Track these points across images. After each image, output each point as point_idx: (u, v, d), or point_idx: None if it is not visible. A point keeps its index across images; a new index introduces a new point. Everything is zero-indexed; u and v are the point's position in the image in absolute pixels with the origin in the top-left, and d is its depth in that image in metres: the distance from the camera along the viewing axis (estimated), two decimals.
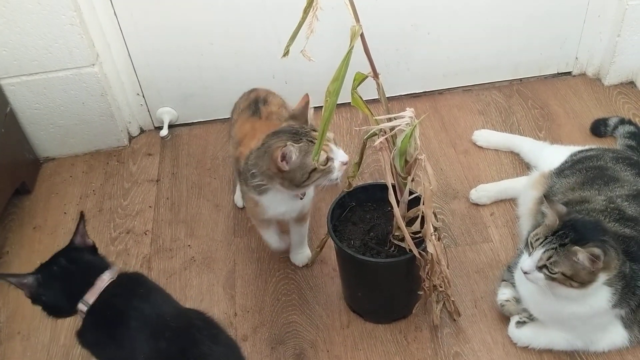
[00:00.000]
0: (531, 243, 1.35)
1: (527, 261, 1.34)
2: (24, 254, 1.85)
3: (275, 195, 1.46)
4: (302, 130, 1.38)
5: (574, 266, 1.28)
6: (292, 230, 1.66)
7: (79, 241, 1.31)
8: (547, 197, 1.39)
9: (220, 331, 1.31)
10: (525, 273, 1.35)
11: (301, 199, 1.50)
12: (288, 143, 1.33)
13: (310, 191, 1.53)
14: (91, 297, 1.25)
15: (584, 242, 1.28)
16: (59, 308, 1.29)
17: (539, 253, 1.32)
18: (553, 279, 1.30)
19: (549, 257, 1.30)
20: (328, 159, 1.36)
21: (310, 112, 1.42)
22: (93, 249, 1.34)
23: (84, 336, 1.28)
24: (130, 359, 1.22)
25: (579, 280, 1.29)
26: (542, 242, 1.32)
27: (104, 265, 1.31)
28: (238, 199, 1.89)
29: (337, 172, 1.38)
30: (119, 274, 1.31)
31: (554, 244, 1.30)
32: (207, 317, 1.33)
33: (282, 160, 1.34)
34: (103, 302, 1.25)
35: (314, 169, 1.35)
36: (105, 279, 1.28)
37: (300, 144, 1.35)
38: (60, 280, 1.27)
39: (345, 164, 1.39)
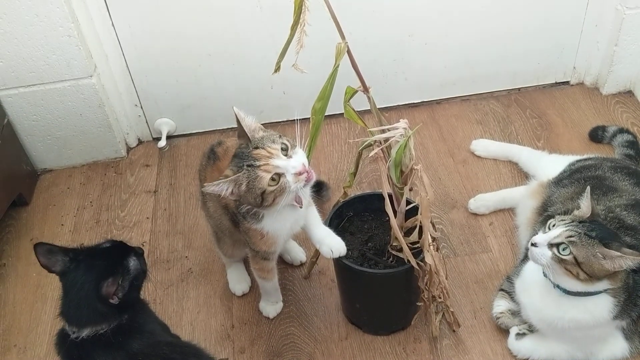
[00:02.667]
0: (552, 224, 1.33)
1: (542, 235, 1.32)
2: (21, 267, 1.84)
3: (274, 215, 1.36)
4: (245, 153, 1.27)
5: (589, 258, 1.27)
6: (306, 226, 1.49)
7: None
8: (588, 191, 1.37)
9: (199, 358, 1.28)
10: (532, 245, 1.32)
11: (300, 207, 1.39)
12: (205, 184, 1.27)
13: (306, 194, 1.41)
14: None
15: (606, 242, 1.27)
16: None
17: (559, 230, 1.30)
18: (560, 261, 1.28)
19: (570, 236, 1.28)
20: (279, 176, 1.24)
21: (247, 120, 1.29)
22: None
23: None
24: None
25: (587, 270, 1.28)
26: (567, 223, 1.31)
27: None
28: (234, 287, 1.73)
29: (295, 185, 1.25)
30: None
31: (579, 229, 1.29)
32: (185, 347, 1.32)
33: (222, 196, 1.28)
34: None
35: (264, 191, 1.25)
36: None
37: (239, 174, 1.25)
38: None
39: (301, 173, 1.24)
